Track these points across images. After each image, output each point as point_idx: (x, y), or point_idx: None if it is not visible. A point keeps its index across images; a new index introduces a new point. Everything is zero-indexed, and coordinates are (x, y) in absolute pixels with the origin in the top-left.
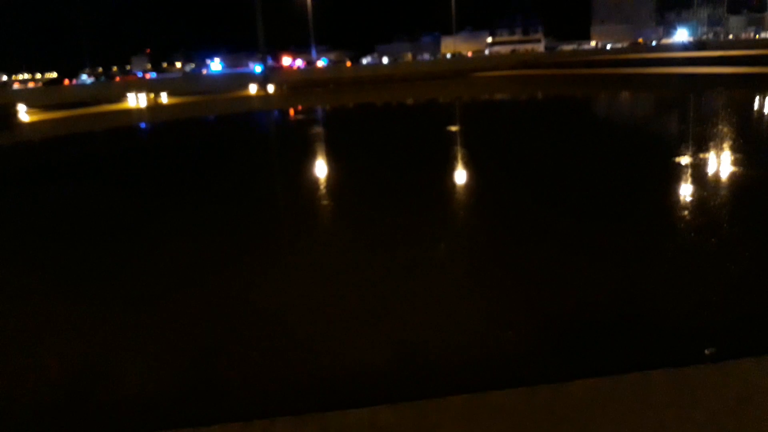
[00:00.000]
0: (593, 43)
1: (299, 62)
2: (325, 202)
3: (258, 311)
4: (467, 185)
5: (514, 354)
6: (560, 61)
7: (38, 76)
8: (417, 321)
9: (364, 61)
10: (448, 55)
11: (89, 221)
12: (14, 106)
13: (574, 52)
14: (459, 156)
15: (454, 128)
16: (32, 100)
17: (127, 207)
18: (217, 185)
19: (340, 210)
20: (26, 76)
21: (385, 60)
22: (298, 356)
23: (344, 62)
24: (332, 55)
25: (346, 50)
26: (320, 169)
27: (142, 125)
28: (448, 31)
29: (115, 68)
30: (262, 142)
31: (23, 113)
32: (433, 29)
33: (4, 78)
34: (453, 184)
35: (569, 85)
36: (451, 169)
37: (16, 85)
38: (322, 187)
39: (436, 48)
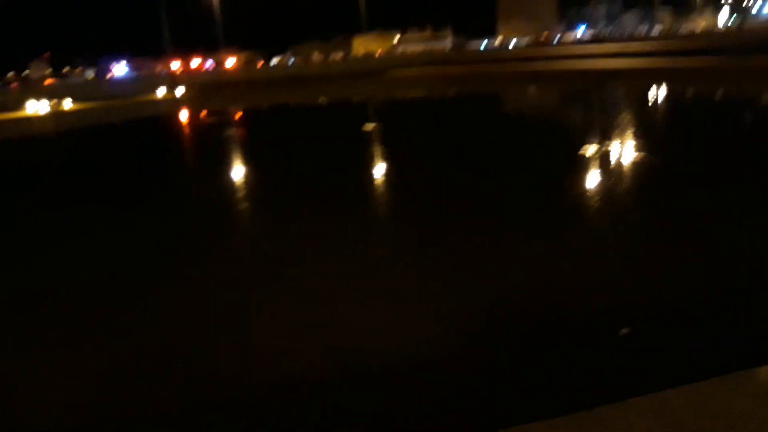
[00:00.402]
0: (499, 40)
1: (209, 63)
2: (239, 207)
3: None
4: (383, 183)
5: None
6: (469, 58)
7: None
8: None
9: (276, 61)
10: (360, 55)
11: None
12: None
13: (481, 50)
14: (375, 155)
15: (369, 127)
16: None
17: (28, 218)
18: (123, 194)
19: (252, 214)
20: None
21: (296, 60)
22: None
23: (255, 62)
24: (243, 56)
25: (257, 50)
26: (231, 173)
27: (44, 133)
28: (359, 31)
29: (11, 74)
30: (170, 148)
31: None
32: (345, 29)
33: None
34: (368, 183)
35: (478, 82)
36: (366, 169)
37: None
38: (234, 191)
39: (347, 47)
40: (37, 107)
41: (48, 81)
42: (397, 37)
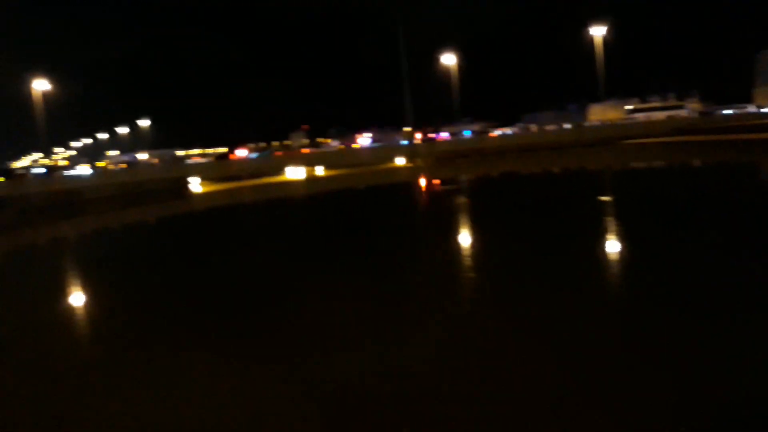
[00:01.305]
0: (756, 107)
1: (444, 134)
2: (471, 275)
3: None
4: (625, 259)
5: None
6: (720, 126)
7: (210, 150)
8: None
9: (508, 131)
10: (593, 123)
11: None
12: (187, 178)
13: (734, 116)
14: (613, 228)
15: (605, 198)
16: (204, 172)
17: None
18: (373, 255)
19: (487, 284)
20: (197, 150)
21: (527, 129)
22: None
23: (488, 132)
24: (476, 126)
25: (490, 120)
26: (466, 241)
27: (302, 196)
28: (596, 99)
29: (276, 143)
30: (409, 212)
31: (197, 184)
32: (580, 97)
33: (180, 153)
34: (610, 258)
35: (728, 151)
36: (606, 243)
37: (193, 159)
38: (469, 259)
39: (582, 116)
40: (294, 172)
41: (304, 150)
42: (635, 105)
